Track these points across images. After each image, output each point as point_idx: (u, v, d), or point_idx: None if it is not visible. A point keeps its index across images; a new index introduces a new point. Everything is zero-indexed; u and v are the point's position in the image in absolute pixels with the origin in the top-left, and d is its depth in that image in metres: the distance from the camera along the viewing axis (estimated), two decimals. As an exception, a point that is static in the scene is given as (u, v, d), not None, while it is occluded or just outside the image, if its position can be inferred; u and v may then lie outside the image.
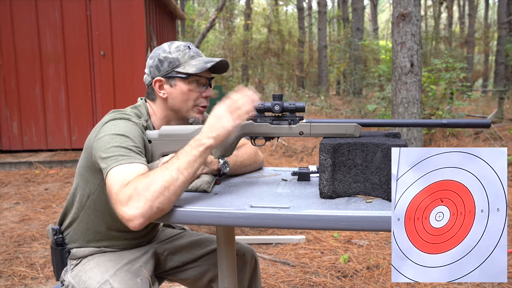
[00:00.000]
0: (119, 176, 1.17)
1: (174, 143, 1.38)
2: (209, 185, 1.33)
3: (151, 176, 1.12)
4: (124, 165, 1.20)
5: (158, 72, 1.44)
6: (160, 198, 1.10)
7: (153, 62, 1.45)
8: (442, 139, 6.27)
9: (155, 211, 1.10)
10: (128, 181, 1.14)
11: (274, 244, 3.16)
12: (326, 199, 1.24)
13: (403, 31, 4.47)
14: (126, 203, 1.10)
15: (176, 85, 1.44)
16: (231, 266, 1.46)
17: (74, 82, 6.15)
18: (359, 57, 14.03)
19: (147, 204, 1.09)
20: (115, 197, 1.13)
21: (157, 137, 1.38)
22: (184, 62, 1.43)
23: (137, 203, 1.09)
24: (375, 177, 1.22)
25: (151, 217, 1.11)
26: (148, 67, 1.47)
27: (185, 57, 1.44)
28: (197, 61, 1.44)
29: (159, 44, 7.19)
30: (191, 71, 1.41)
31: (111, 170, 1.19)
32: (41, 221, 3.62)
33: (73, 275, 1.42)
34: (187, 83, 1.44)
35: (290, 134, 1.35)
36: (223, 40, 20.16)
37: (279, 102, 1.33)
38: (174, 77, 1.43)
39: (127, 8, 6.03)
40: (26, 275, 2.65)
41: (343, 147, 1.24)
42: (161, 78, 1.44)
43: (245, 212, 1.14)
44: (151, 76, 1.46)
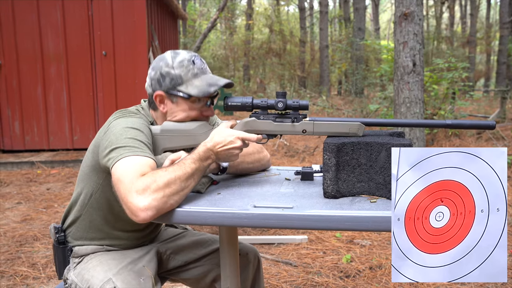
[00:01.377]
0: (134, 165, 1.16)
1: (176, 138, 1.38)
2: (203, 186, 1.33)
3: (171, 172, 1.15)
4: (138, 156, 1.19)
5: (160, 86, 1.38)
6: (176, 197, 1.14)
7: (155, 74, 1.39)
8: (445, 139, 6.26)
9: (168, 207, 1.13)
10: (145, 172, 1.14)
11: (276, 244, 3.15)
12: (330, 198, 1.23)
13: (406, 30, 4.46)
14: (143, 192, 1.09)
15: (177, 102, 1.39)
16: (234, 266, 1.45)
17: (76, 82, 6.15)
18: (360, 57, 14.01)
19: (164, 198, 1.11)
20: (129, 184, 1.10)
21: (159, 133, 1.38)
22: (187, 81, 1.37)
23: (155, 195, 1.09)
24: (380, 177, 1.21)
25: (161, 211, 1.12)
26: (149, 78, 1.41)
27: (188, 74, 1.37)
28: (200, 81, 1.38)
29: (161, 44, 7.22)
30: (194, 93, 1.36)
31: (124, 158, 1.17)
32: (43, 221, 3.61)
33: (75, 273, 1.42)
34: (189, 102, 1.39)
35: (293, 132, 1.34)
36: (224, 40, 20.17)
37: (283, 100, 1.32)
38: (176, 94, 1.38)
39: (128, 8, 6.03)
40: (28, 275, 2.65)
41: (347, 146, 1.23)
42: (162, 93, 1.38)
43: (248, 212, 1.14)
44: (152, 88, 1.40)
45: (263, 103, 1.33)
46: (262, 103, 1.34)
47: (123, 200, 1.12)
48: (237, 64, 18.30)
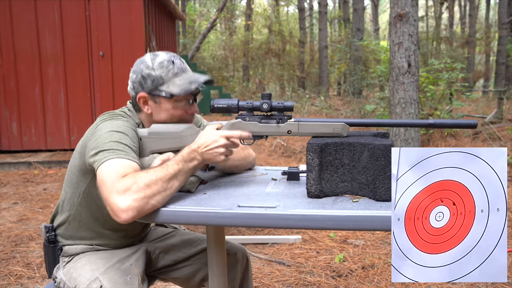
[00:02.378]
0: (117, 167, 1.18)
1: (163, 141, 1.39)
2: (194, 185, 1.34)
3: (152, 173, 1.16)
4: (122, 159, 1.21)
5: (142, 88, 1.40)
6: (157, 197, 1.15)
7: (136, 77, 1.42)
8: (440, 139, 6.27)
9: (149, 207, 1.14)
10: (127, 173, 1.16)
11: (270, 244, 3.16)
12: (314, 198, 1.24)
13: (401, 31, 4.47)
14: (123, 192, 1.11)
15: (160, 102, 1.41)
16: (221, 265, 1.47)
17: (73, 82, 6.17)
18: (359, 57, 14.02)
19: (145, 199, 1.12)
20: (111, 186, 1.13)
21: (146, 135, 1.39)
22: (168, 81, 1.40)
23: (135, 195, 1.11)
24: (362, 177, 1.22)
25: (143, 212, 1.13)
26: (131, 81, 1.44)
27: (169, 74, 1.40)
28: (181, 79, 1.41)
29: (159, 45, 7.23)
30: (175, 92, 1.38)
31: (108, 161, 1.19)
32: (39, 221, 3.63)
33: (64, 272, 1.44)
34: (172, 101, 1.41)
35: (278, 132, 1.36)
36: (224, 41, 20.19)
37: (268, 101, 1.34)
38: (159, 95, 1.40)
39: (126, 9, 6.05)
40: (23, 275, 2.66)
41: (330, 146, 1.24)
42: (145, 94, 1.41)
43: (232, 212, 1.15)
44: (134, 91, 1.43)
45: (249, 104, 1.35)
46: (247, 105, 1.35)
47: (106, 201, 1.14)
48: (237, 64, 18.31)
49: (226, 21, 19.95)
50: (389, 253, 2.93)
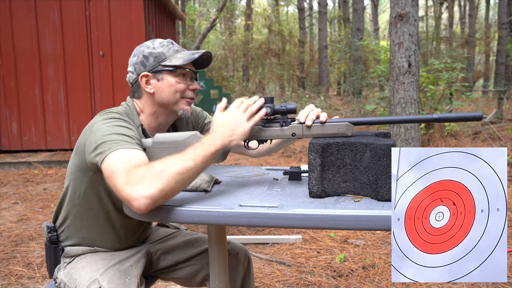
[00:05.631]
0: (126, 157, 1.15)
1: (168, 150, 1.36)
2: (209, 184, 1.33)
3: (167, 161, 1.12)
4: (128, 149, 1.18)
5: (144, 67, 1.43)
6: (172, 184, 1.09)
7: (137, 59, 1.44)
8: (441, 139, 6.27)
9: (163, 195, 1.08)
10: (137, 164, 1.12)
11: (271, 244, 3.16)
12: (315, 198, 1.24)
13: (401, 31, 4.47)
14: (138, 182, 1.06)
15: (163, 78, 1.43)
16: (222, 266, 1.46)
17: (73, 82, 6.17)
18: (359, 57, 14.02)
19: (159, 187, 1.06)
20: (124, 176, 1.09)
21: (151, 145, 1.36)
22: (169, 56, 1.43)
23: (151, 183, 1.06)
24: (364, 177, 1.22)
25: (158, 200, 1.08)
26: (132, 64, 1.46)
27: (170, 51, 1.44)
28: (182, 54, 1.45)
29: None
30: (178, 63, 1.42)
31: (114, 152, 1.16)
32: (39, 221, 3.63)
33: (65, 273, 1.43)
34: (175, 75, 1.44)
35: (282, 136, 1.35)
36: (223, 41, 20.19)
37: (270, 105, 1.33)
38: (161, 71, 1.43)
39: (126, 9, 6.05)
40: (23, 275, 2.66)
41: (332, 146, 1.24)
42: (148, 73, 1.43)
43: (233, 211, 1.15)
44: (136, 73, 1.45)
45: None
46: None
47: (118, 191, 1.10)
48: (236, 64, 18.32)
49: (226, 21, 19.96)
50: (389, 253, 2.93)
